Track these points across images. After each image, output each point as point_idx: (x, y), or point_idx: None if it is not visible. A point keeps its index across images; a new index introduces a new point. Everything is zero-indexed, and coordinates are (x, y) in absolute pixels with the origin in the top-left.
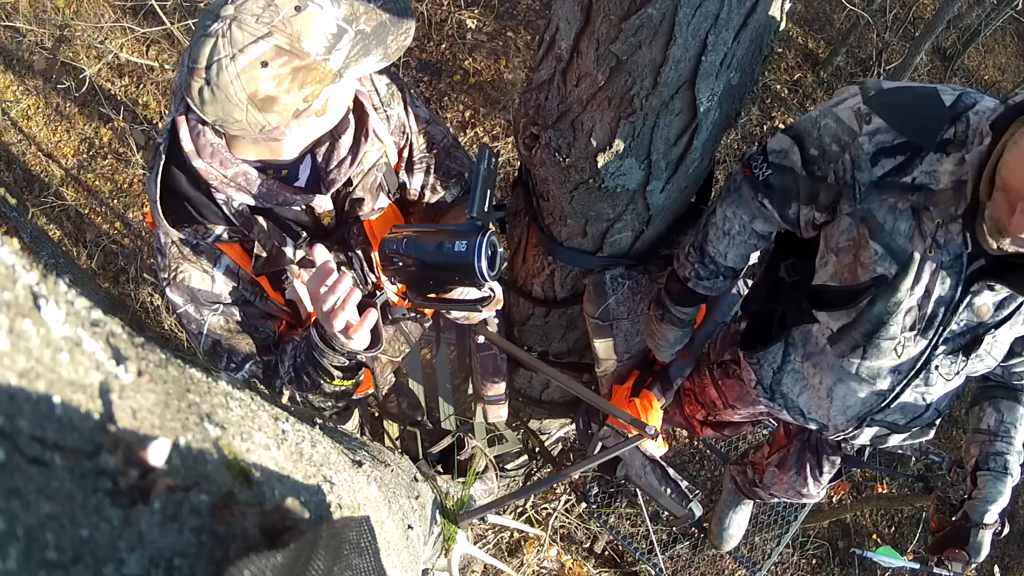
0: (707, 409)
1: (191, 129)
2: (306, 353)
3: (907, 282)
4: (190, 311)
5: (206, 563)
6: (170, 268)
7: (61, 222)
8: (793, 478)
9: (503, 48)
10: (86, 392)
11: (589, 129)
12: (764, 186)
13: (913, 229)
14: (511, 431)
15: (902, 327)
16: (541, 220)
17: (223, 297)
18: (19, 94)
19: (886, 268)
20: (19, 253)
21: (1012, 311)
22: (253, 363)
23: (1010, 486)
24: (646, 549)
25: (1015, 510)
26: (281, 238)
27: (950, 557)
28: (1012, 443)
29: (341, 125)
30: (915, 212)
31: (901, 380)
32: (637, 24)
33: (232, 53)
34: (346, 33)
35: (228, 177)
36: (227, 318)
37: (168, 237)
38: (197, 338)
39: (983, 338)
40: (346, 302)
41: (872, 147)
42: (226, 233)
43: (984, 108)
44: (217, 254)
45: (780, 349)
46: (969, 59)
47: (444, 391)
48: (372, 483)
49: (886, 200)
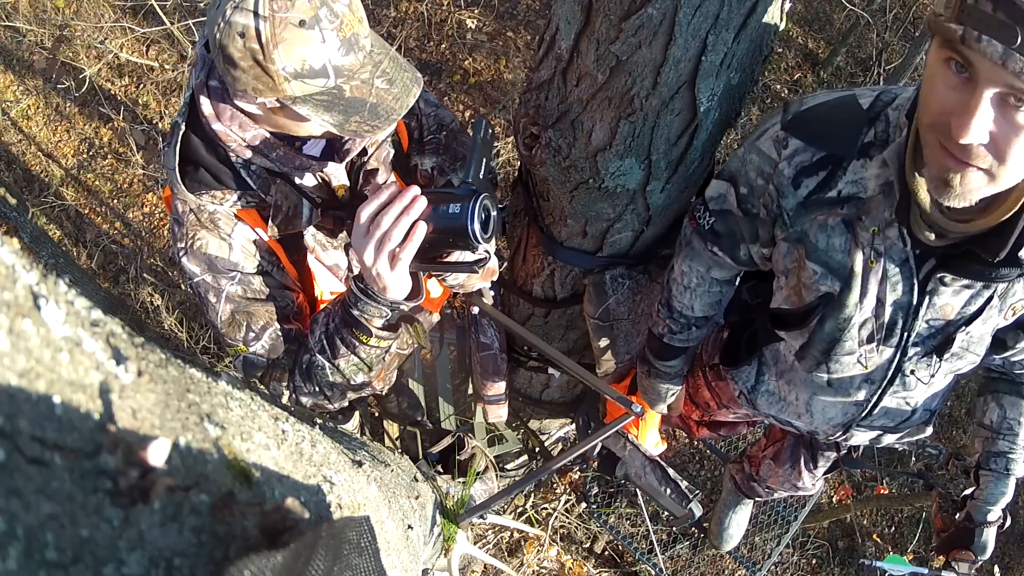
0: (702, 410)
1: (211, 95)
2: (342, 314)
3: (853, 297)
4: (207, 280)
5: (206, 563)
6: (187, 236)
7: (61, 222)
8: (788, 471)
9: (503, 48)
10: (86, 392)
11: (589, 129)
12: (711, 234)
13: (849, 243)
14: (511, 431)
15: (859, 341)
16: (541, 220)
17: (240, 265)
18: (19, 94)
19: (829, 286)
20: (19, 253)
21: (982, 306)
22: (273, 332)
23: (1012, 485)
24: (646, 549)
25: (1016, 509)
26: (299, 199)
27: (956, 557)
28: (1015, 442)
29: None
30: (848, 225)
31: (876, 389)
32: (637, 24)
33: (236, 3)
34: (325, 78)
35: (247, 140)
36: (245, 287)
37: (186, 205)
38: (214, 308)
39: (955, 337)
40: (401, 218)
41: (792, 170)
42: (243, 199)
43: (903, 100)
44: (234, 222)
45: (753, 369)
46: None
47: (444, 391)
48: (372, 483)
49: (815, 219)
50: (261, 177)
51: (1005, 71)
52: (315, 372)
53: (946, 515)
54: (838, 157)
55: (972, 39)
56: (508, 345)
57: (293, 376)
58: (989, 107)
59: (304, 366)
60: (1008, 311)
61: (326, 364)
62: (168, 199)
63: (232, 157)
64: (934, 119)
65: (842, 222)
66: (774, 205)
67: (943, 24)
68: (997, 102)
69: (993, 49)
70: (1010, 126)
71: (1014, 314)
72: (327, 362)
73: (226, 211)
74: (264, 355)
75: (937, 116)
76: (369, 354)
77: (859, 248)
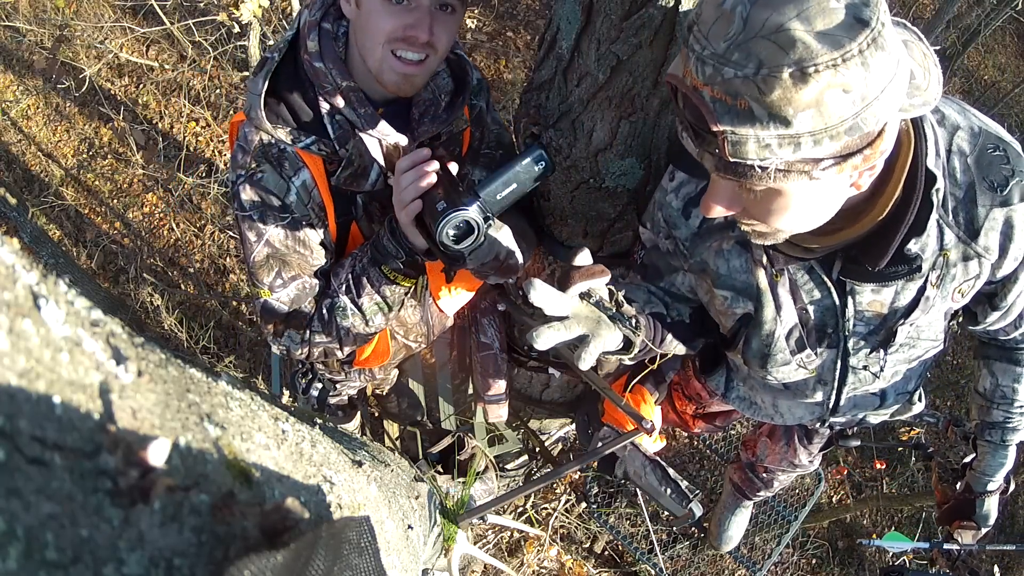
0: (695, 402)
1: (322, 35)
2: (371, 252)
3: (768, 312)
4: (254, 216)
5: (206, 563)
6: (250, 166)
7: (61, 222)
8: (784, 448)
9: (503, 48)
10: (86, 392)
11: (590, 129)
12: (640, 267)
13: (748, 263)
14: (511, 431)
15: (790, 350)
16: (542, 220)
17: (293, 209)
18: (19, 94)
19: (743, 307)
20: (19, 253)
21: (915, 298)
22: (301, 283)
23: (1012, 454)
24: (646, 549)
25: (1016, 509)
26: (371, 161)
27: (959, 528)
28: (1010, 410)
29: (440, 82)
30: (743, 245)
31: (831, 390)
32: (638, 24)
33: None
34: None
35: (342, 87)
36: (288, 232)
37: (257, 134)
38: (252, 245)
39: (896, 331)
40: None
41: (680, 201)
42: (316, 145)
43: None
44: (299, 165)
45: (723, 376)
46: (969, 59)
47: (444, 391)
48: (372, 483)
49: (711, 246)
50: (343, 128)
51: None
52: (335, 314)
53: (946, 486)
54: None
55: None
56: (508, 345)
57: (311, 323)
58: (722, 194)
59: (324, 310)
60: (955, 294)
61: (348, 304)
62: (236, 124)
63: (320, 101)
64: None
65: (736, 244)
66: (670, 238)
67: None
68: (730, 184)
69: (690, 142)
70: (754, 202)
71: (963, 296)
72: (350, 302)
73: (294, 152)
74: (286, 303)
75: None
76: (393, 292)
77: (759, 266)
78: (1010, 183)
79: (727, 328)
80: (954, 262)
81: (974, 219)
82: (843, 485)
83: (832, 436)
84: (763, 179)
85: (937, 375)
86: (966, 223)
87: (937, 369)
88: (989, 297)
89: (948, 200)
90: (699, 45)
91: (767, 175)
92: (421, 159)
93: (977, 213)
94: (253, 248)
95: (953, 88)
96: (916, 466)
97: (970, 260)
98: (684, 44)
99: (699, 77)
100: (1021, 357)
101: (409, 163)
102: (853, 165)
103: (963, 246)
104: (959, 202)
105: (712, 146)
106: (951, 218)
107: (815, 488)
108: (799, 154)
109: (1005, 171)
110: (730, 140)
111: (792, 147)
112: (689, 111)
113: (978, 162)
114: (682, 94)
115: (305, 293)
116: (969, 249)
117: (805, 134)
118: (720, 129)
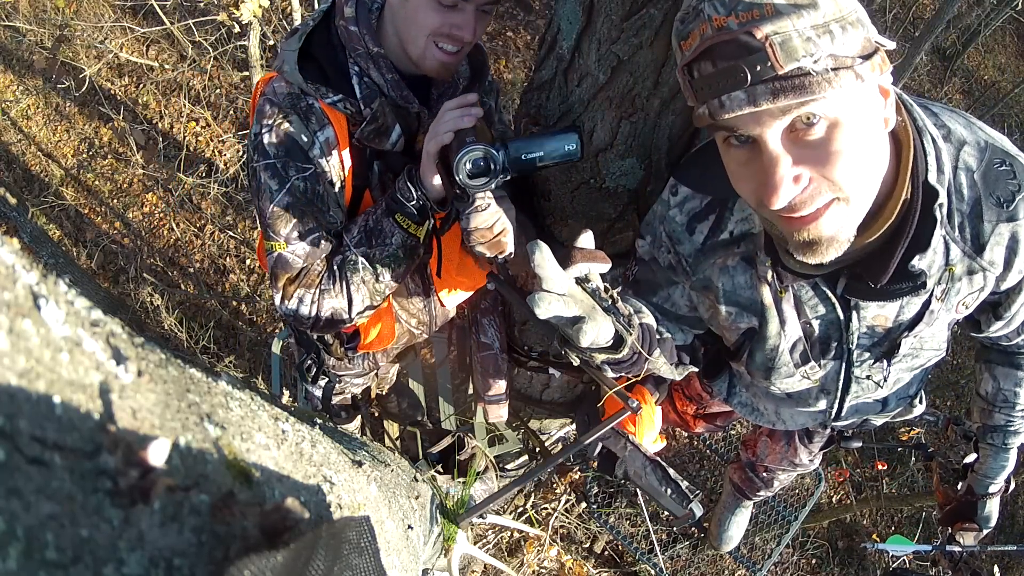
0: (695, 403)
1: (358, 5)
2: (385, 205)
3: (773, 327)
4: (277, 166)
5: (206, 563)
6: (277, 116)
7: (61, 222)
8: (784, 448)
9: (503, 48)
10: (86, 392)
11: (590, 129)
12: (633, 283)
13: (752, 279)
14: (511, 431)
15: (794, 363)
16: (542, 220)
17: (315, 161)
18: (19, 94)
19: (748, 322)
20: (19, 253)
21: (919, 311)
22: (316, 238)
23: (1013, 457)
24: (646, 549)
25: (1016, 509)
26: (394, 121)
27: (961, 529)
28: (1011, 414)
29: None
30: (747, 261)
31: (834, 399)
32: (639, 24)
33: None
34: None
35: (372, 53)
36: (310, 185)
37: (290, 87)
38: (271, 195)
39: (900, 343)
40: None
41: (684, 217)
42: (343, 103)
43: None
44: (325, 122)
45: (725, 382)
46: (969, 59)
47: (444, 391)
48: (372, 483)
49: (715, 263)
50: (370, 88)
51: (760, 109)
52: (347, 269)
53: (948, 487)
54: (722, 200)
55: (717, 107)
56: (508, 345)
57: (321, 280)
58: (783, 152)
59: (335, 266)
60: (959, 307)
61: (359, 258)
62: (265, 81)
63: (350, 63)
64: (755, 202)
65: (741, 260)
66: (672, 253)
67: (696, 114)
68: (787, 139)
69: (737, 99)
70: (814, 148)
71: (967, 308)
72: (361, 256)
73: (321, 109)
74: (301, 257)
75: (754, 197)
76: (405, 242)
77: (763, 282)
78: (1016, 198)
79: (731, 342)
80: (959, 276)
81: (980, 234)
82: (843, 485)
83: (832, 436)
84: (821, 84)
85: (937, 375)
86: (972, 238)
87: (937, 369)
88: (993, 307)
89: (954, 215)
90: None
91: (824, 80)
92: (469, 102)
93: (983, 228)
94: (273, 197)
95: (953, 88)
96: (916, 466)
97: (975, 274)
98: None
99: (720, 13)
100: (1023, 362)
101: (457, 103)
102: (877, 64)
103: (968, 260)
104: (965, 217)
105: (763, 73)
106: (957, 233)
107: (815, 488)
108: (836, 44)
109: (1012, 186)
110: (776, 44)
111: (828, 36)
112: (723, 59)
113: (984, 177)
114: (707, 60)
115: (319, 250)
116: (974, 263)
117: (832, 21)
118: (763, 34)
